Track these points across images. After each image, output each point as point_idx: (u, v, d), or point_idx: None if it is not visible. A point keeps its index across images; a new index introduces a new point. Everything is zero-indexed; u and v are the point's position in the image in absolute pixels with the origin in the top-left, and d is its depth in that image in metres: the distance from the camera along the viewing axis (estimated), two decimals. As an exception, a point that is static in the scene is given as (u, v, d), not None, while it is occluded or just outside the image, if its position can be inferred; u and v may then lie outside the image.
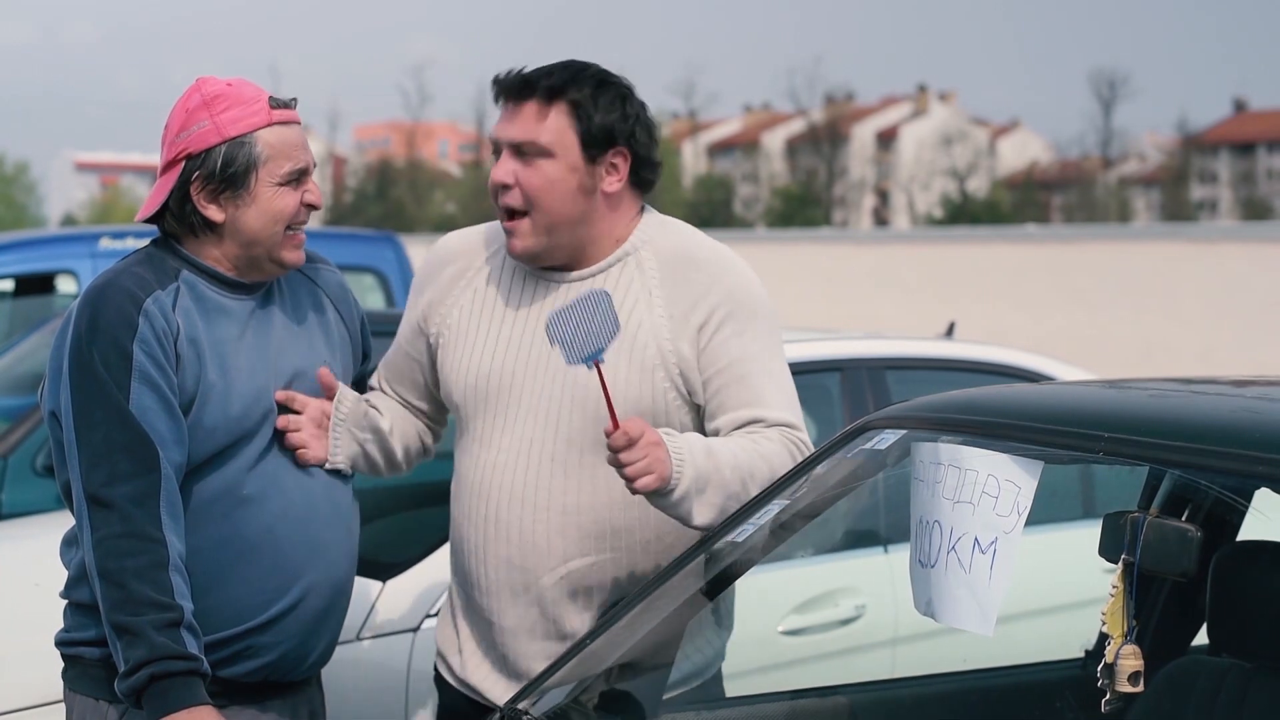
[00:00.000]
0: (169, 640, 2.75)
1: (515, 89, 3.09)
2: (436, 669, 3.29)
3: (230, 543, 2.91)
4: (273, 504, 2.94)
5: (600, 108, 3.06)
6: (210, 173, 2.92)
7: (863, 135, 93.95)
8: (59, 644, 2.99)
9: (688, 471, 2.91)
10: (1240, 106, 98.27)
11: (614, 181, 3.09)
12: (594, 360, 2.84)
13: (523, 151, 3.06)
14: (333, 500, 3.04)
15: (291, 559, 2.95)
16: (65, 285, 9.00)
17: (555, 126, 3.05)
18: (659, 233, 3.15)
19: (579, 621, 3.08)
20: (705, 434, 3.08)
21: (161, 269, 2.94)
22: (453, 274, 3.21)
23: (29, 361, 7.11)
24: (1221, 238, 34.52)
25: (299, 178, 2.97)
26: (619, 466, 2.87)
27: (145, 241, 3.08)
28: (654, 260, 3.11)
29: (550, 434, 3.06)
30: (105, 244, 8.67)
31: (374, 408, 3.20)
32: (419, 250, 3.30)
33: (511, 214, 3.09)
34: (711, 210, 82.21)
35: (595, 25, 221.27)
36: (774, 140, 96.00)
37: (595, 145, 3.06)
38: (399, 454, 3.25)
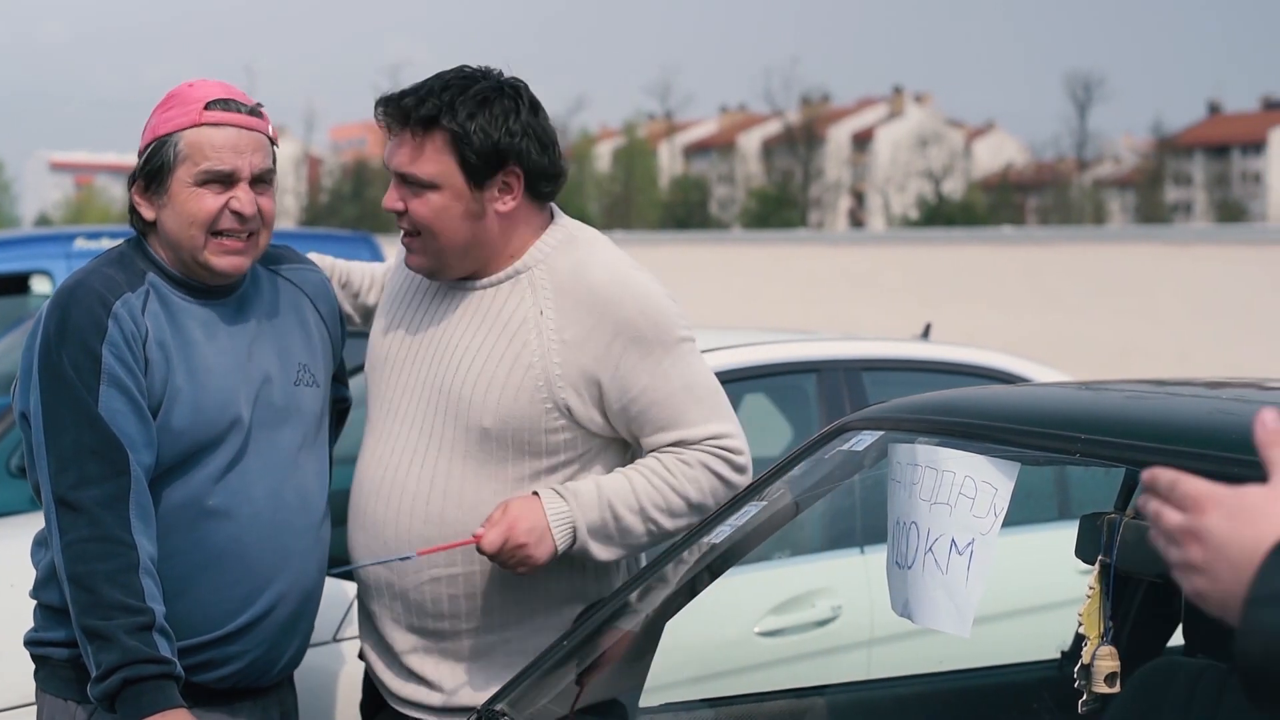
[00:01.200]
0: (141, 644, 2.72)
1: (393, 115, 2.96)
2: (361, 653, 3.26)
3: (198, 549, 2.88)
4: (241, 514, 2.89)
5: (481, 131, 2.91)
6: (139, 169, 2.91)
7: (838, 137, 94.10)
8: (28, 644, 2.97)
9: (580, 532, 2.93)
10: (1214, 109, 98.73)
11: (508, 200, 2.97)
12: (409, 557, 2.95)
13: (408, 181, 2.97)
14: (305, 509, 2.99)
15: (261, 568, 2.92)
16: (40, 285, 8.97)
17: (434, 158, 2.93)
18: (559, 250, 3.03)
19: (447, 624, 3.04)
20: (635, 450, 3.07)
21: (132, 270, 2.91)
22: (397, 259, 3.21)
23: (3, 362, 7.07)
24: (1196, 240, 34.62)
25: (223, 180, 2.88)
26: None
27: (120, 241, 3.05)
28: (548, 281, 3.00)
29: (423, 441, 3.02)
30: (80, 244, 8.64)
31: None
32: (394, 250, 3.27)
33: (407, 232, 3.04)
34: (687, 211, 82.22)
35: (571, 26, 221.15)
36: (750, 141, 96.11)
37: (480, 171, 2.93)
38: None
